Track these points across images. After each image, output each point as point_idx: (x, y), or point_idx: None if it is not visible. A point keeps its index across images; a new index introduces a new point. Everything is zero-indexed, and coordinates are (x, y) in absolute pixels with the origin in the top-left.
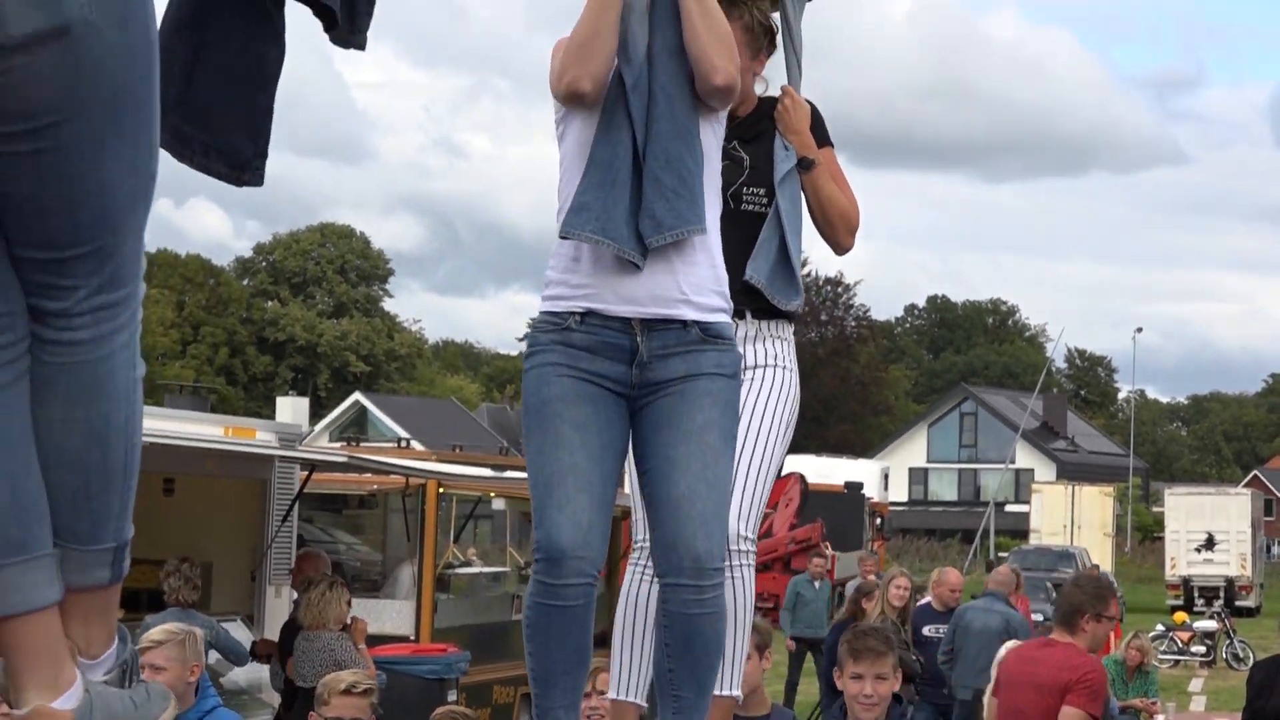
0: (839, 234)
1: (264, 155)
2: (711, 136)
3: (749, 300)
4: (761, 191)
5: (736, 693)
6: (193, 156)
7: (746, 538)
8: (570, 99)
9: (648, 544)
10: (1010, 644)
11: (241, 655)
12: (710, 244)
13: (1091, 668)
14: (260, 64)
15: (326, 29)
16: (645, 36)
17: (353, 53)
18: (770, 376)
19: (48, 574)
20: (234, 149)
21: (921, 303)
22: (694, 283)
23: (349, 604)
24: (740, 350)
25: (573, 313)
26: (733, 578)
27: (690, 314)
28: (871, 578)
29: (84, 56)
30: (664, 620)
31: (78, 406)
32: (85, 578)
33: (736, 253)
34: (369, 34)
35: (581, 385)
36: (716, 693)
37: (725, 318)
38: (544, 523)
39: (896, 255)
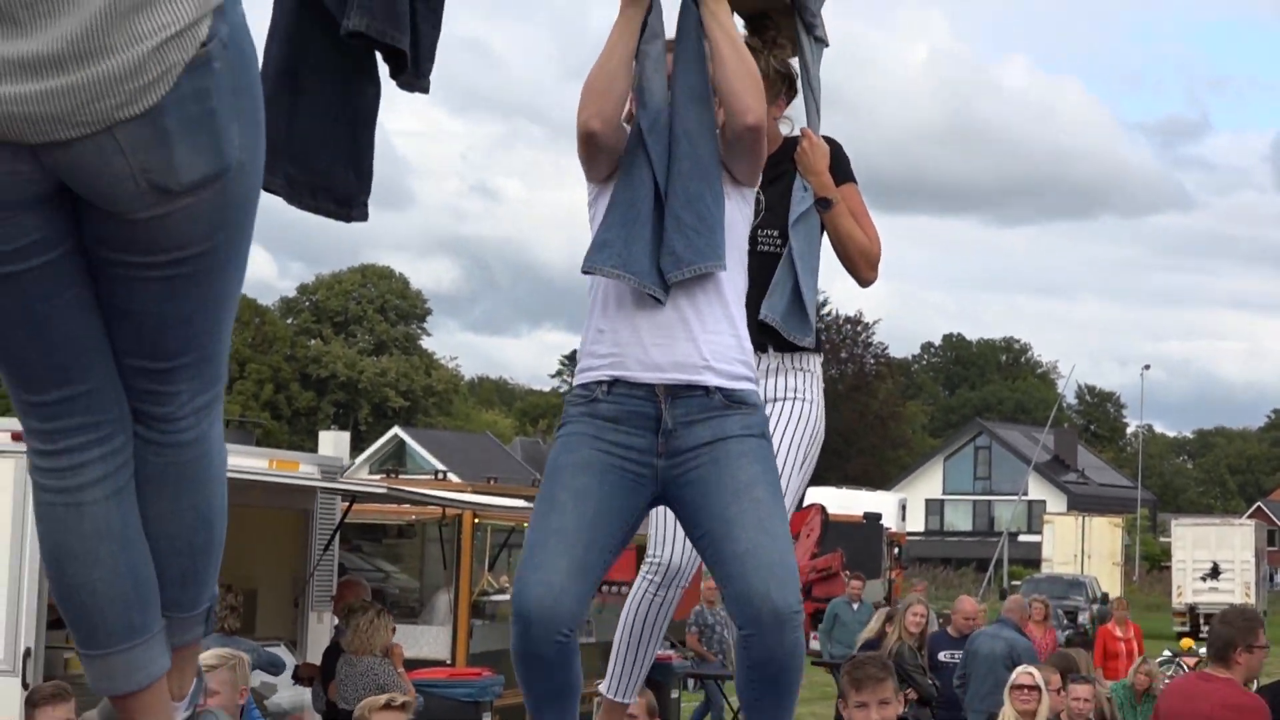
0: (859, 269)
1: (368, 190)
2: (739, 213)
3: (768, 336)
4: (775, 233)
5: None
6: (302, 199)
7: None
8: (585, 140)
9: (659, 559)
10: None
11: (279, 664)
12: (733, 315)
13: (1255, 707)
14: (358, 103)
15: (394, 74)
16: (662, 82)
17: (390, 100)
18: (790, 409)
19: (162, 646)
20: (341, 186)
21: (938, 341)
22: (716, 350)
23: (393, 631)
24: (765, 390)
25: (600, 382)
26: None
27: (713, 380)
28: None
29: (233, 192)
30: (747, 661)
31: (184, 498)
32: (185, 638)
33: (751, 293)
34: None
35: (599, 456)
36: None
37: (750, 385)
38: (519, 581)
39: (913, 295)
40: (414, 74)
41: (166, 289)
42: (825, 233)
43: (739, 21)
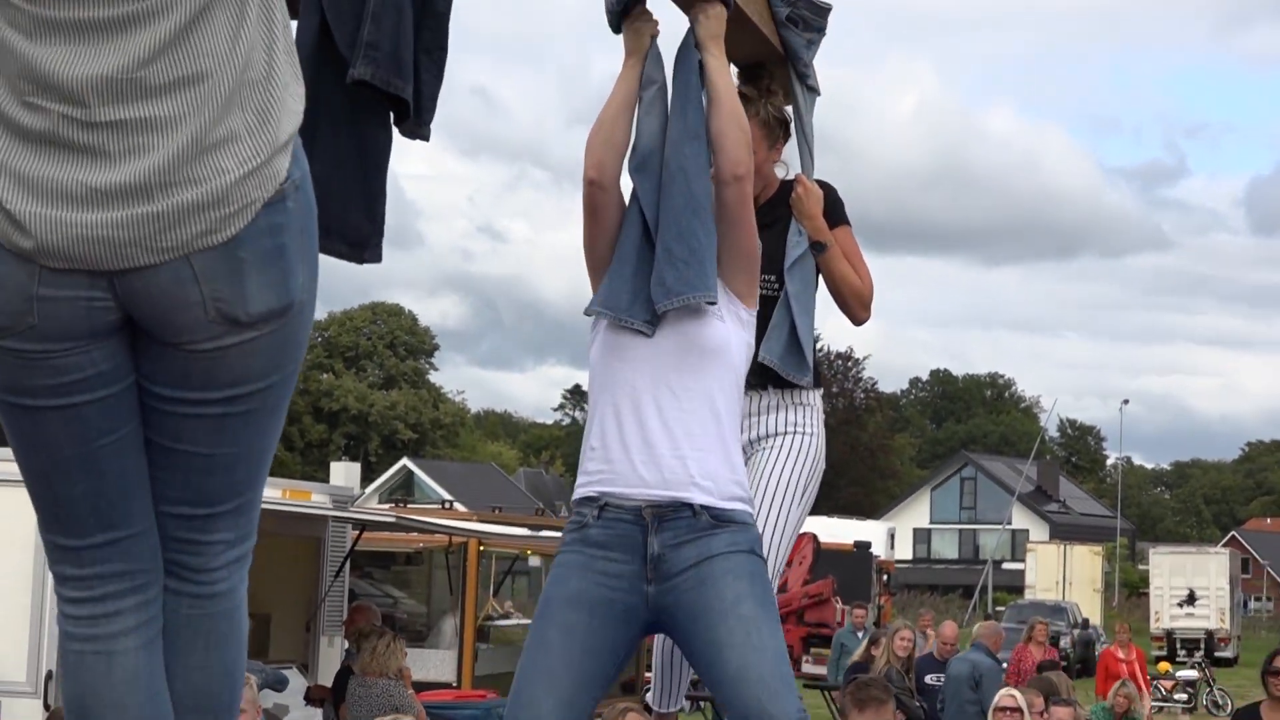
0: (853, 309)
1: (381, 233)
2: (736, 336)
3: (766, 376)
4: (772, 278)
5: None
6: None
7: None
8: (586, 189)
9: None
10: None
11: (283, 680)
12: (725, 436)
13: None
14: (370, 149)
15: (396, 121)
16: (653, 125)
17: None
18: (789, 442)
19: None
20: (353, 228)
21: (925, 376)
22: (705, 470)
23: (404, 654)
24: (765, 426)
25: (590, 500)
26: None
27: (699, 497)
28: (930, 630)
29: (291, 331)
30: None
31: (213, 652)
32: None
33: None
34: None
35: (589, 588)
36: None
37: (740, 505)
38: (508, 718)
39: (902, 332)
40: (416, 122)
41: (217, 428)
42: (820, 275)
43: (733, 71)
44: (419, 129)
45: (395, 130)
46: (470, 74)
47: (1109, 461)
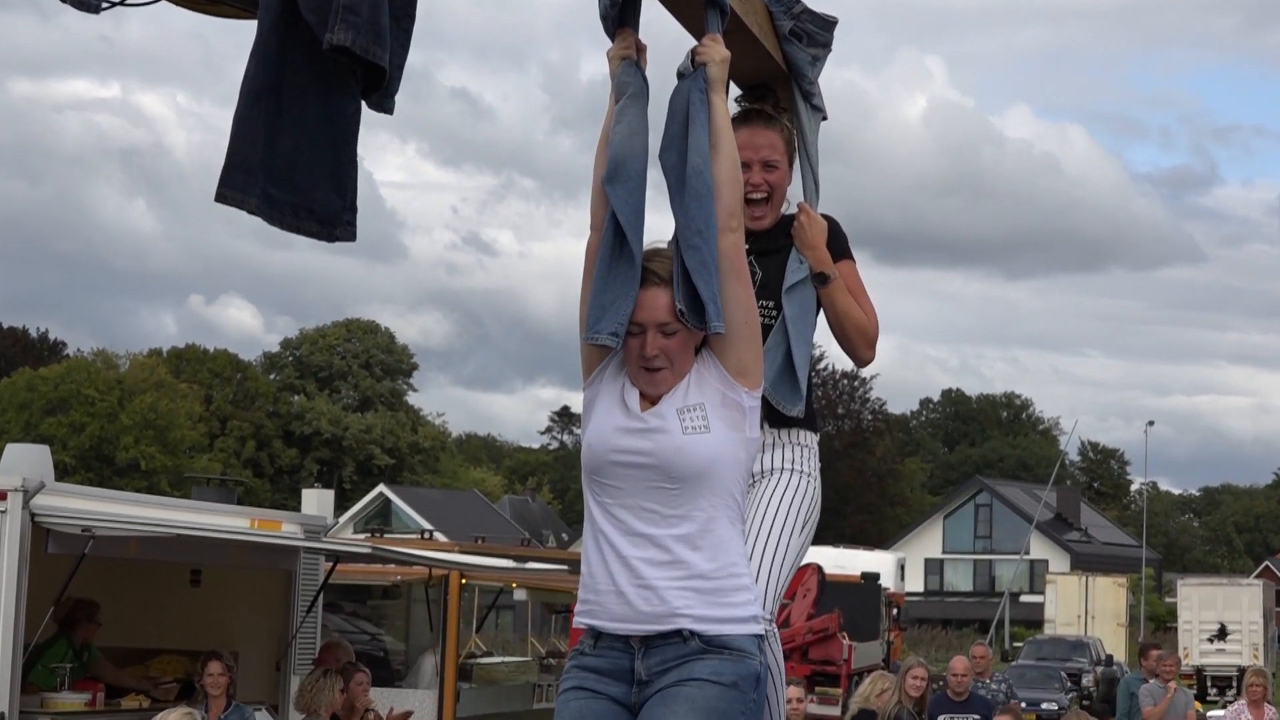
0: (856, 348)
1: (354, 209)
2: (732, 451)
3: (762, 408)
4: (770, 304)
5: None
6: (283, 219)
7: (766, 618)
8: (590, 237)
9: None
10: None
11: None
12: (717, 555)
13: None
14: (339, 119)
15: (366, 92)
16: (623, 132)
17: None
18: (787, 479)
19: None
20: (323, 205)
21: (937, 396)
22: (688, 598)
23: (342, 692)
24: (762, 464)
25: (585, 629)
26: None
27: (687, 624)
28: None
29: None
30: None
31: None
32: None
33: None
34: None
35: (592, 705)
36: None
37: (734, 629)
38: None
39: (913, 350)
40: (383, 93)
41: None
42: (821, 309)
43: (735, 91)
44: (385, 100)
45: (373, 137)
46: (450, 75)
47: (1134, 487)
